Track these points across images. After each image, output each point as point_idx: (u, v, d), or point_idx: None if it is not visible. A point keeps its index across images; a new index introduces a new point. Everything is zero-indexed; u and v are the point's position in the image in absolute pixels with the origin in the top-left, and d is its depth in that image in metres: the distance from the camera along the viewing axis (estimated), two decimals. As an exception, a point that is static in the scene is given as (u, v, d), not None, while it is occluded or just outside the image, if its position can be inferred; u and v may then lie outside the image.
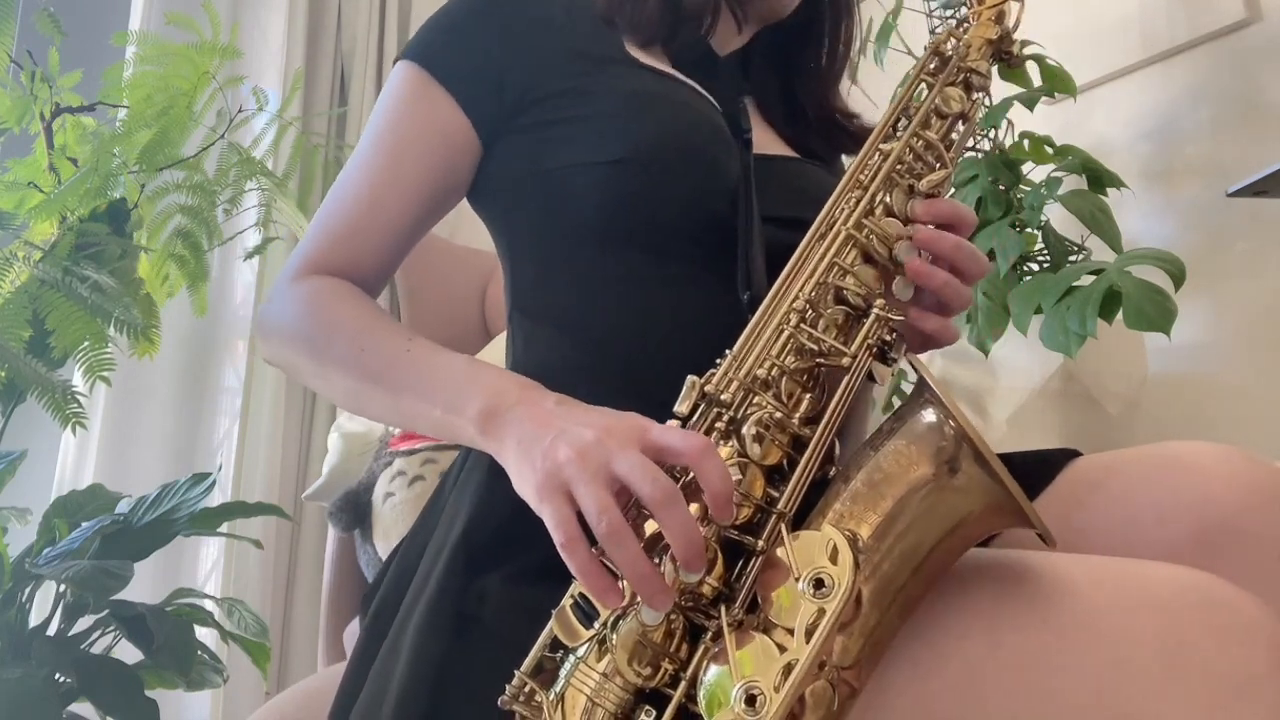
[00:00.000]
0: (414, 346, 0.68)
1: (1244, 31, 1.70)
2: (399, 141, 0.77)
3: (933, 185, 0.67)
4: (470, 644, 0.61)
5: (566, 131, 0.75)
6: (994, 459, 0.53)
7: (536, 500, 0.54)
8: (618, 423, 0.55)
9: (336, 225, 0.77)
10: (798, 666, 0.49)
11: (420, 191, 0.77)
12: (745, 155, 0.77)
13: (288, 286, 0.75)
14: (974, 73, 0.73)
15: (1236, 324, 1.66)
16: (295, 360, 0.74)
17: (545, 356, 0.74)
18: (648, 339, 0.72)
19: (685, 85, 0.80)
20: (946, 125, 0.71)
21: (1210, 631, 0.49)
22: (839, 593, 0.50)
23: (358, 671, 0.69)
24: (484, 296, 1.93)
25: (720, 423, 0.57)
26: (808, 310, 0.61)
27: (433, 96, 0.77)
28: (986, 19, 0.75)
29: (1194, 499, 0.64)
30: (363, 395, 0.70)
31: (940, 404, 0.54)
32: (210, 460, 2.05)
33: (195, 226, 1.67)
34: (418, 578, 0.69)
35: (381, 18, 2.55)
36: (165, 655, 1.23)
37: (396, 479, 1.51)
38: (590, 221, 0.74)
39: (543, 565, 0.59)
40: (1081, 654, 0.51)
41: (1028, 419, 1.50)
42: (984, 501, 0.53)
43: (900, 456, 0.55)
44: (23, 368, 1.28)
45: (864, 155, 0.69)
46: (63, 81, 1.59)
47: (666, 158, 0.73)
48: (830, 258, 0.63)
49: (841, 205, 0.66)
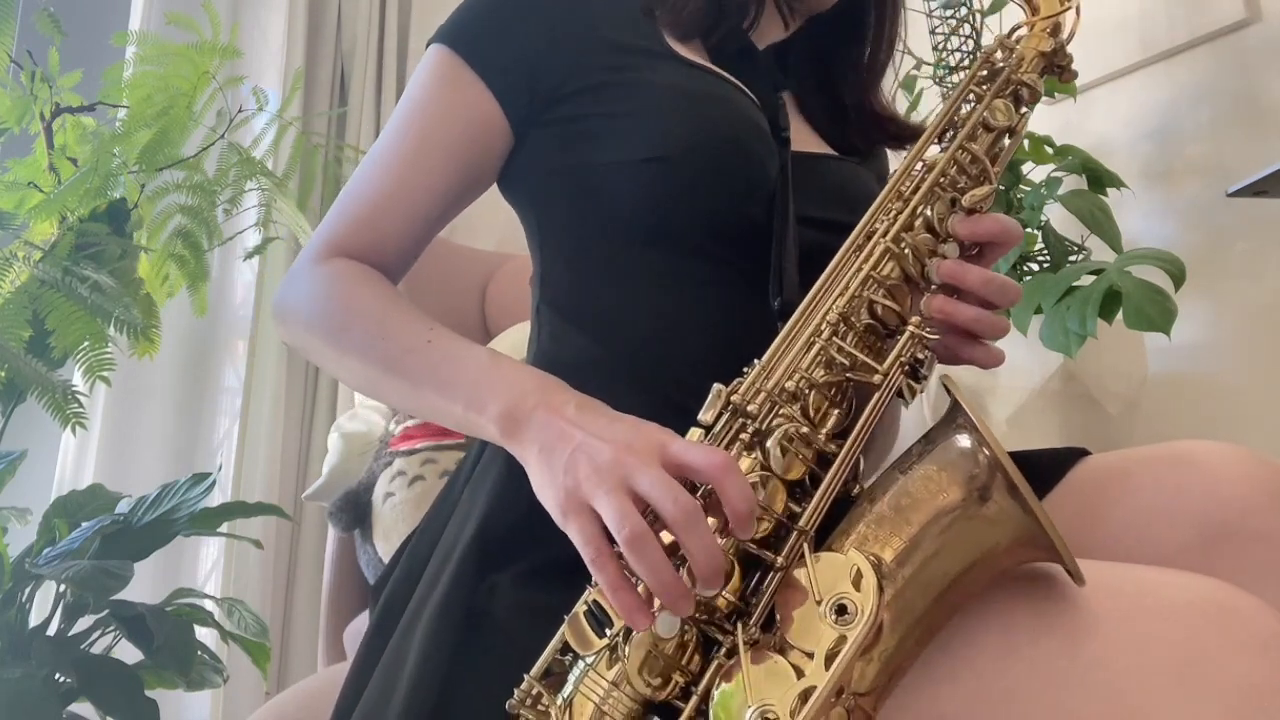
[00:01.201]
0: (435, 337, 0.67)
1: (1244, 31, 1.70)
2: (428, 125, 0.76)
3: (975, 201, 0.65)
4: (481, 642, 0.61)
5: (603, 126, 0.74)
6: (1028, 491, 0.52)
7: (560, 517, 0.54)
8: (637, 437, 0.54)
9: (361, 207, 0.76)
10: (816, 693, 0.48)
11: (448, 177, 0.76)
12: (783, 154, 0.75)
13: (309, 268, 0.74)
14: (1025, 85, 0.70)
15: (1236, 324, 1.66)
16: (313, 344, 0.73)
17: (570, 353, 0.73)
18: (676, 341, 0.71)
19: (725, 81, 0.79)
20: (992, 138, 0.69)
21: (1226, 642, 0.49)
22: (862, 620, 0.49)
23: (364, 665, 0.68)
24: (484, 296, 1.93)
25: (745, 434, 0.57)
26: (840, 323, 0.60)
27: (465, 82, 0.75)
28: (1041, 30, 0.72)
29: (1204, 499, 0.64)
30: (381, 384, 0.69)
31: (975, 430, 0.53)
32: (210, 460, 2.05)
33: (195, 226, 1.67)
34: (429, 573, 0.68)
35: (381, 18, 2.55)
36: (165, 655, 1.23)
37: (396, 479, 1.51)
38: (624, 219, 0.73)
39: (556, 563, 0.59)
40: (1095, 664, 0.50)
41: (1028, 419, 1.50)
42: (1014, 533, 0.52)
43: (929, 482, 0.54)
44: (23, 368, 1.28)
45: (907, 165, 0.67)
46: (63, 81, 1.59)
47: (705, 157, 0.72)
48: (867, 271, 0.62)
49: (880, 217, 0.65)
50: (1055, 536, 0.52)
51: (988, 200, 0.65)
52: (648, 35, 0.79)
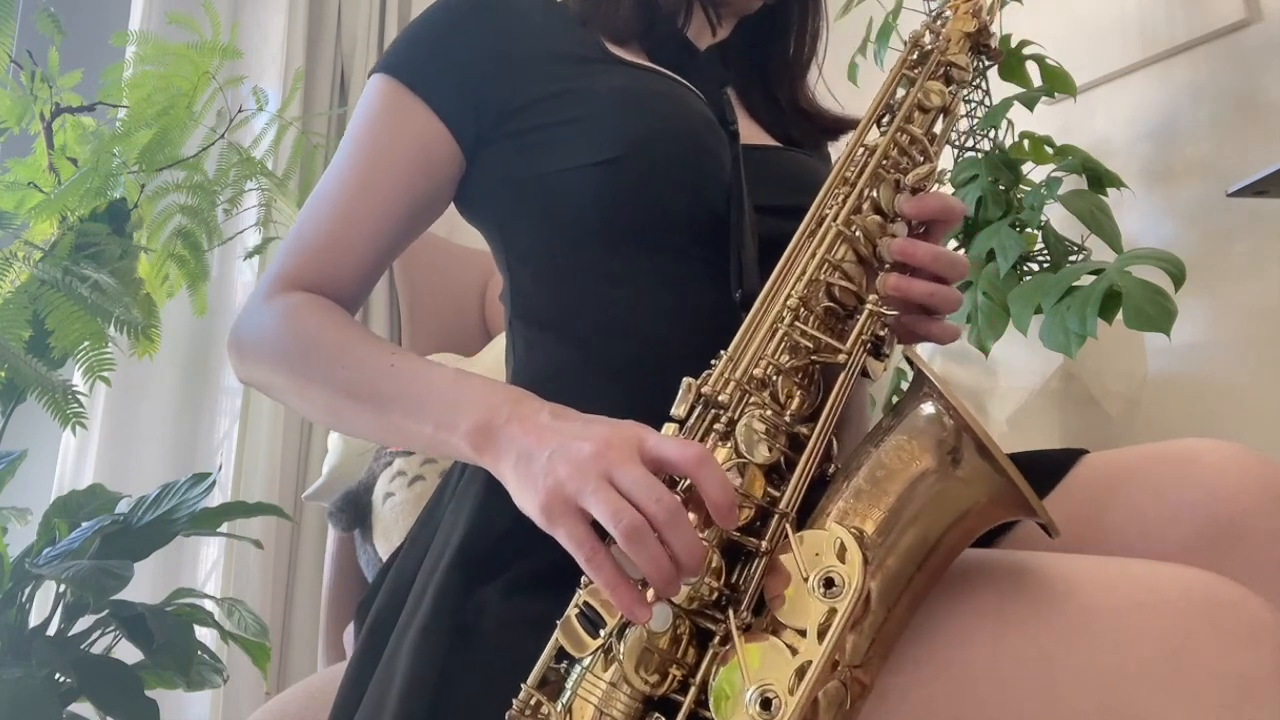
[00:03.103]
0: (398, 360, 0.66)
1: (1244, 31, 1.70)
2: (376, 154, 0.75)
3: (919, 180, 0.67)
4: (469, 657, 0.61)
5: (556, 135, 0.74)
6: (996, 449, 0.53)
7: (545, 521, 0.54)
8: (614, 434, 0.54)
9: (312, 239, 0.75)
10: (812, 668, 0.48)
11: (399, 204, 0.75)
12: (734, 147, 0.76)
13: (262, 303, 0.73)
14: (953, 65, 0.73)
15: (1236, 324, 1.66)
16: (272, 379, 0.72)
17: (546, 362, 0.74)
18: (644, 338, 0.72)
19: (669, 78, 0.80)
20: (929, 119, 0.71)
21: (1216, 633, 0.49)
22: (850, 591, 0.50)
23: (355, 685, 0.67)
24: (484, 296, 1.93)
25: (718, 424, 0.57)
26: (801, 308, 0.61)
27: (410, 108, 0.75)
28: (964, 13, 0.76)
29: (1204, 497, 0.64)
30: (346, 413, 0.68)
31: (940, 397, 0.54)
32: (210, 460, 2.05)
33: (195, 226, 1.67)
34: (414, 590, 0.67)
35: (381, 18, 2.55)
36: (165, 655, 1.23)
37: (396, 479, 1.51)
38: (587, 222, 0.73)
39: (541, 572, 0.59)
40: (1085, 655, 0.50)
41: (1028, 419, 1.50)
42: (988, 492, 0.53)
43: (901, 451, 0.55)
44: (23, 368, 1.28)
45: (850, 151, 0.69)
46: (63, 81, 1.59)
47: (658, 152, 0.72)
48: (821, 255, 0.63)
49: (830, 202, 0.67)
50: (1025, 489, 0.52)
51: (930, 179, 0.68)
52: (587, 44, 0.80)
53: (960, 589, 0.55)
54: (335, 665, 1.24)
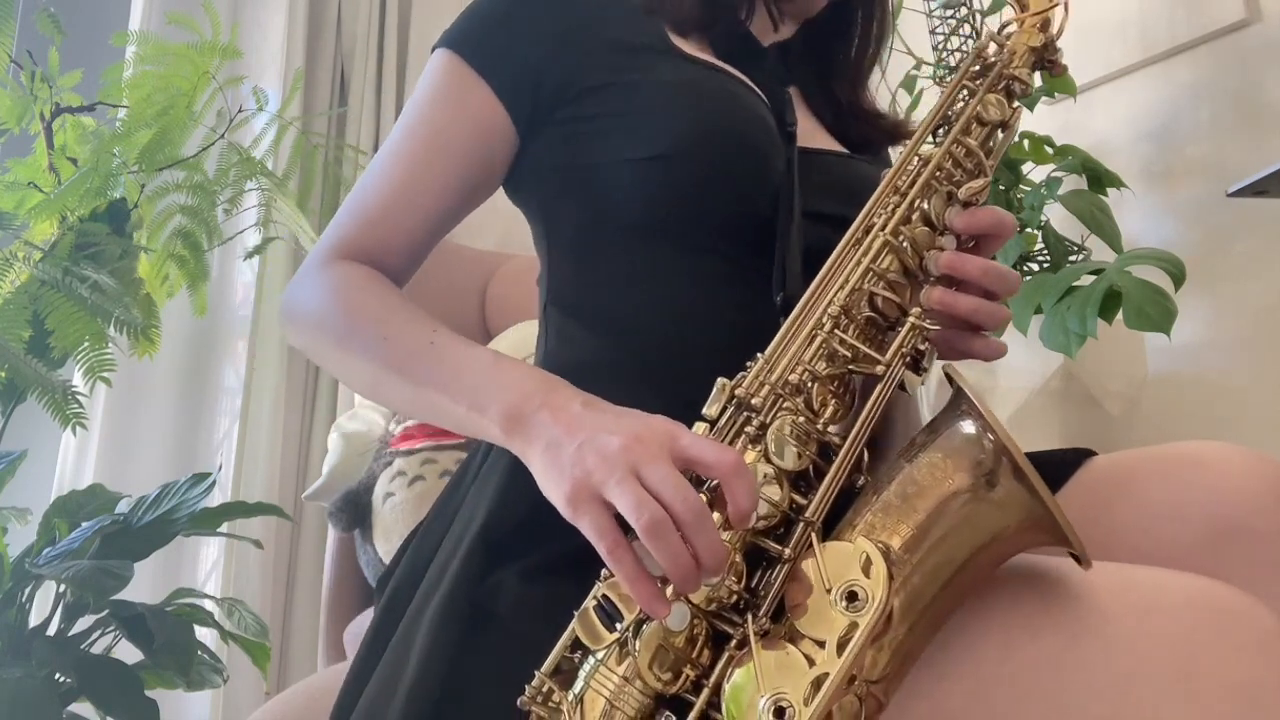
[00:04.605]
0: (438, 338, 0.67)
1: (1244, 31, 1.70)
2: (434, 128, 0.77)
3: (972, 194, 0.66)
4: (484, 639, 0.61)
5: (609, 125, 0.74)
6: (1034, 475, 0.52)
7: (570, 510, 0.54)
8: (646, 429, 0.54)
9: (367, 210, 0.77)
10: (829, 681, 0.48)
11: (454, 180, 0.76)
12: (789, 149, 0.75)
13: (316, 271, 0.75)
14: (1016, 80, 0.72)
15: (1236, 324, 1.66)
16: (318, 346, 0.74)
17: (579, 352, 0.74)
18: (681, 336, 0.72)
19: (730, 76, 0.79)
20: (986, 132, 0.70)
21: (1224, 641, 0.49)
22: (873, 607, 0.49)
23: (367, 660, 0.68)
24: (484, 296, 1.92)
25: (749, 427, 0.57)
26: (841, 316, 0.61)
27: (470, 86, 0.76)
28: (1031, 26, 0.74)
29: (1210, 499, 0.64)
30: (384, 386, 0.70)
31: (979, 416, 0.54)
32: (210, 460, 2.04)
33: (195, 226, 1.67)
34: (433, 570, 0.68)
35: (381, 18, 2.55)
36: (165, 655, 1.23)
37: (396, 479, 1.51)
38: (633, 217, 0.73)
39: (561, 558, 0.60)
40: (1094, 661, 0.50)
41: (1028, 419, 1.50)
42: (1020, 517, 0.53)
43: (935, 469, 0.54)
44: (23, 368, 1.28)
45: (903, 160, 0.68)
46: (63, 81, 1.59)
47: (708, 152, 0.72)
48: (866, 264, 0.63)
49: (878, 211, 0.66)
50: (1062, 519, 0.52)
51: (983, 193, 0.66)
52: (650, 33, 0.79)
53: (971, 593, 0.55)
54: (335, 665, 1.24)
